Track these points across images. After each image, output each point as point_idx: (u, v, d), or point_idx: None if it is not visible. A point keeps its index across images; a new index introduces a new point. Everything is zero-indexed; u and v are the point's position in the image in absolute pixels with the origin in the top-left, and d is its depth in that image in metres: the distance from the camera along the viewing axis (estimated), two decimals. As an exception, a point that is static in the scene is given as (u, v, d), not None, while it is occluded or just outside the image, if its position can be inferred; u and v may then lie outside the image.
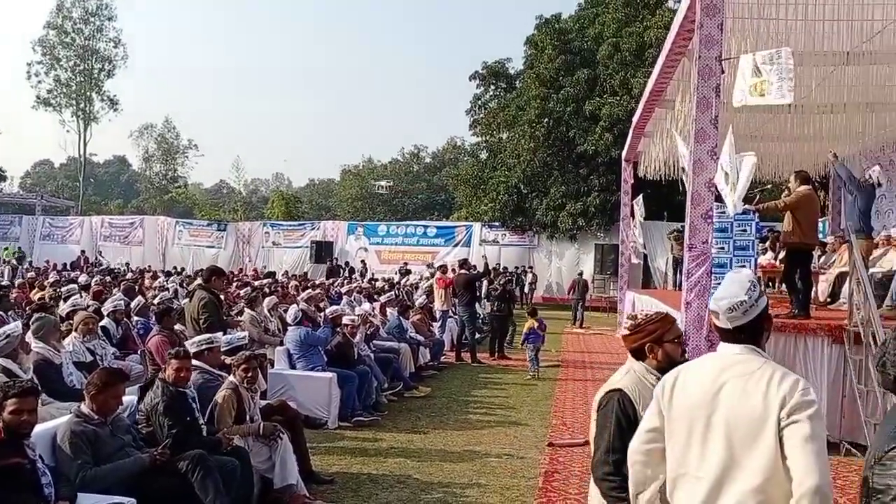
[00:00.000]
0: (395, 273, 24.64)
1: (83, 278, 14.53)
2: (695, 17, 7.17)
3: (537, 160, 26.20)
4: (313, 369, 7.93)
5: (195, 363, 5.72)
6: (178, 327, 8.19)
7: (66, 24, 47.48)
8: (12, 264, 21.98)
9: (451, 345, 13.39)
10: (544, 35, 27.20)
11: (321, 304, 11.43)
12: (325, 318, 8.97)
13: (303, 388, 7.63)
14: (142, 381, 5.72)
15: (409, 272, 23.51)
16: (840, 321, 7.03)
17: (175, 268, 26.37)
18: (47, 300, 9.19)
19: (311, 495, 5.30)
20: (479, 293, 15.33)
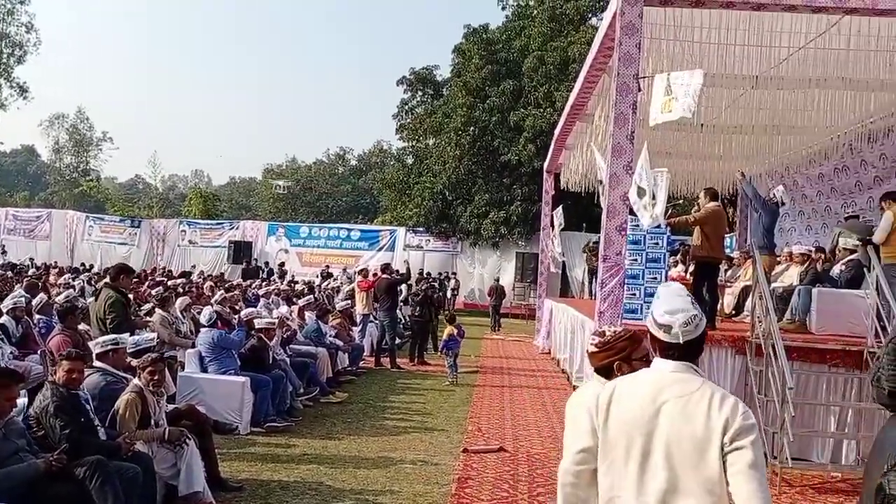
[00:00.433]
0: (317, 276, 24.31)
1: (-19, 273, 13.74)
2: (614, 36, 7.38)
3: (462, 168, 26.43)
4: (226, 373, 7.73)
5: (99, 364, 5.52)
6: (82, 327, 7.87)
7: (-26, 6, 44.85)
8: None
9: (371, 350, 13.30)
10: (472, 44, 27.53)
11: (237, 306, 11.17)
12: (239, 320, 8.75)
13: (214, 393, 7.42)
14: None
15: (330, 275, 23.26)
16: (743, 333, 7.37)
17: (83, 265, 25.19)
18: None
19: (218, 503, 5.17)
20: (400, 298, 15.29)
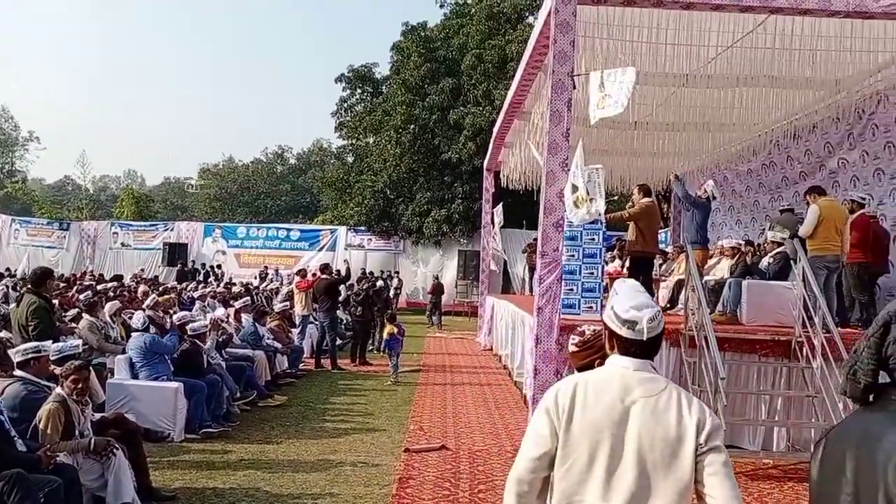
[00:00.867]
0: (255, 277, 23.86)
1: None
2: (549, 34, 7.44)
3: (403, 166, 26.36)
4: (158, 379, 7.48)
5: (20, 373, 5.29)
6: (4, 334, 7.48)
7: None
8: None
9: (311, 351, 13.10)
10: (410, 42, 27.47)
11: (171, 310, 10.83)
12: (172, 324, 8.49)
13: (146, 399, 7.17)
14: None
15: (268, 276, 22.88)
16: (677, 325, 7.51)
17: (8, 269, 24.08)
18: None
19: (149, 513, 5.00)
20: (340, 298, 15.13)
